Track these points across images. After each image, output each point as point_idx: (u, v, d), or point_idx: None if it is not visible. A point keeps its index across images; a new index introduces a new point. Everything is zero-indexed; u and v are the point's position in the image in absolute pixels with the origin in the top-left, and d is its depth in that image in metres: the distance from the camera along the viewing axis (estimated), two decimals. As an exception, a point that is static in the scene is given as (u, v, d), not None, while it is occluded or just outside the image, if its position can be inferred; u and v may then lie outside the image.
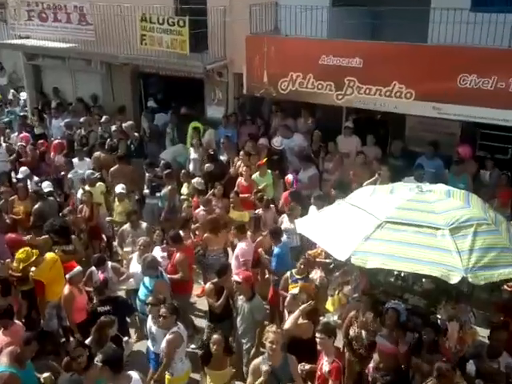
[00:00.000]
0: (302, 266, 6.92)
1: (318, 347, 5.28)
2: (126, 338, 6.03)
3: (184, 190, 10.06)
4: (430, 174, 9.07)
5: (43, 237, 7.95)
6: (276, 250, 7.48)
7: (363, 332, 5.94)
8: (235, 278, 6.47)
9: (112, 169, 10.56)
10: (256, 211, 8.82)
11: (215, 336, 5.54)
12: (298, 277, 6.89)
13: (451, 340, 5.53)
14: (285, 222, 8.39)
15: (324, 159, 10.54)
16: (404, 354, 5.64)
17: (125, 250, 8.15)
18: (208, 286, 6.77)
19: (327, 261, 7.23)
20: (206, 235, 8.13)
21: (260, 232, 8.06)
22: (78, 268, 6.85)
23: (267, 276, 7.92)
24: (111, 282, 7.19)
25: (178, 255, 7.44)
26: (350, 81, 9.79)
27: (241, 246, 7.70)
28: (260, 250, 7.78)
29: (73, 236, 8.09)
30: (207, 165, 10.66)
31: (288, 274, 6.98)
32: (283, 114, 11.81)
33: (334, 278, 7.01)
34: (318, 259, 7.37)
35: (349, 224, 5.82)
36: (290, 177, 9.70)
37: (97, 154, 11.45)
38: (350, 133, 10.77)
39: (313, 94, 10.25)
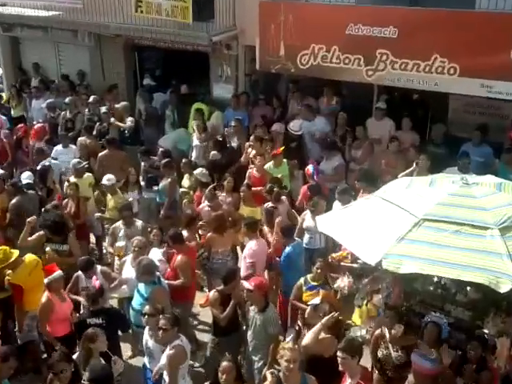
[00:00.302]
0: (319, 271, 6.95)
1: (340, 368, 5.29)
2: (114, 357, 5.98)
3: (185, 182, 10.16)
4: (476, 163, 9.10)
5: (38, 234, 7.97)
6: (287, 249, 7.58)
7: (392, 351, 5.98)
8: (246, 284, 6.50)
9: (100, 154, 10.64)
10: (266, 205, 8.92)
11: (225, 363, 5.32)
12: (314, 283, 6.95)
13: (500, 358, 5.52)
14: (307, 219, 8.45)
15: (351, 146, 10.59)
16: (446, 375, 5.67)
17: (117, 244, 8.22)
18: (212, 294, 6.83)
19: (354, 265, 7.24)
20: (209, 235, 8.20)
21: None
22: (59, 272, 6.86)
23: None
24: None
25: (178, 258, 7.48)
26: (383, 54, 9.81)
27: (250, 245, 7.76)
28: (270, 250, 7.95)
29: (70, 234, 8.11)
30: (213, 153, 10.74)
31: (302, 280, 7.05)
32: (302, 94, 11.90)
33: (361, 286, 7.02)
34: (343, 263, 7.41)
35: (380, 222, 5.83)
36: (310, 168, 9.78)
37: (82, 139, 11.55)
38: (381, 115, 10.78)
39: (338, 69, 10.31)
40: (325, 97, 11.71)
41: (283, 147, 10.19)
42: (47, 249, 7.81)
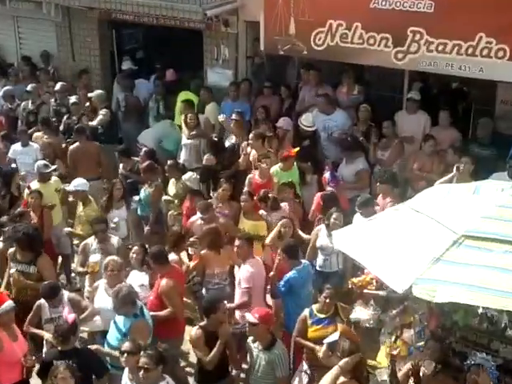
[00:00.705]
0: (327, 301, 6.99)
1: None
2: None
3: (170, 188, 10.19)
4: (531, 168, 9.05)
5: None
6: (290, 273, 7.61)
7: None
8: (249, 317, 6.54)
9: (72, 147, 10.72)
10: (260, 213, 9.09)
11: None
12: (322, 316, 6.99)
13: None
14: (321, 236, 8.51)
15: (376, 146, 10.58)
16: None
17: (91, 259, 8.25)
18: (194, 331, 6.85)
19: (380, 293, 7.25)
20: (203, 253, 8.27)
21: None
22: (9, 303, 6.81)
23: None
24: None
25: (162, 282, 7.48)
26: (416, 33, 9.82)
27: (245, 267, 7.85)
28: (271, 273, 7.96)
29: (43, 253, 8.14)
30: (207, 156, 10.74)
31: (306, 312, 7.09)
32: (318, 81, 11.86)
33: (389, 319, 7.05)
34: (366, 290, 7.42)
35: (411, 239, 5.83)
36: (327, 175, 9.83)
37: (38, 135, 11.59)
38: (414, 108, 10.78)
39: (361, 51, 10.34)
40: (344, 85, 11.72)
41: (298, 148, 10.24)
42: (12, 270, 7.87)
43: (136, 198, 10.05)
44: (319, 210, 9.18)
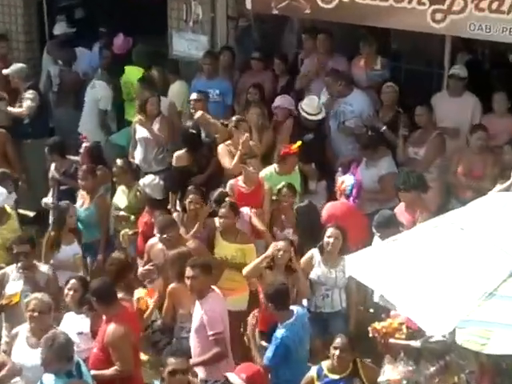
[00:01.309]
0: (341, 355, 7.07)
1: None
2: None
3: (120, 199, 10.29)
4: None
5: None
6: (280, 332, 7.60)
7: None
8: (232, 378, 6.55)
9: None
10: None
11: None
12: (335, 377, 7.09)
13: None
14: (317, 262, 8.67)
15: (406, 140, 10.60)
16: None
17: (9, 290, 8.34)
18: None
19: (412, 343, 7.24)
20: (172, 287, 8.32)
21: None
22: None
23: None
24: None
25: (110, 329, 7.44)
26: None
27: (206, 306, 7.76)
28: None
29: None
30: (178, 154, 10.75)
31: (313, 372, 7.23)
32: (326, 49, 11.85)
33: (424, 380, 7.01)
34: (393, 340, 7.43)
35: (454, 267, 5.89)
36: (346, 179, 9.82)
37: None
38: (459, 88, 10.80)
39: (385, 10, 10.40)
40: (363, 57, 11.74)
41: (300, 142, 10.21)
42: None
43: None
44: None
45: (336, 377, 7.04)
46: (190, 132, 10.93)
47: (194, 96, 11.30)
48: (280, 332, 7.59)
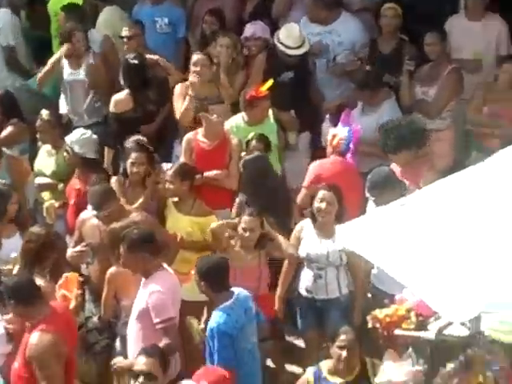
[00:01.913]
0: (346, 355, 6.85)
1: None
2: None
3: (43, 161, 10.08)
4: None
5: None
6: (216, 317, 7.29)
7: None
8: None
9: None
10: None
11: None
12: (337, 381, 6.96)
13: None
14: (306, 237, 8.39)
15: (413, 77, 10.25)
16: None
17: None
18: None
19: (423, 335, 6.94)
20: (112, 271, 8.13)
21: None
22: None
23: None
24: None
25: (33, 339, 6.98)
26: None
27: (152, 287, 7.47)
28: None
29: None
30: (117, 97, 10.34)
31: (309, 373, 7.15)
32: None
33: (441, 380, 6.65)
34: (399, 330, 7.03)
35: (476, 237, 5.51)
36: (340, 131, 9.32)
37: None
38: (480, 9, 10.52)
39: None
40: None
41: (271, 82, 9.83)
42: None
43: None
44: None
45: (339, 380, 6.91)
46: (132, 64, 10.43)
47: (124, 32, 10.97)
48: (214, 320, 7.25)
